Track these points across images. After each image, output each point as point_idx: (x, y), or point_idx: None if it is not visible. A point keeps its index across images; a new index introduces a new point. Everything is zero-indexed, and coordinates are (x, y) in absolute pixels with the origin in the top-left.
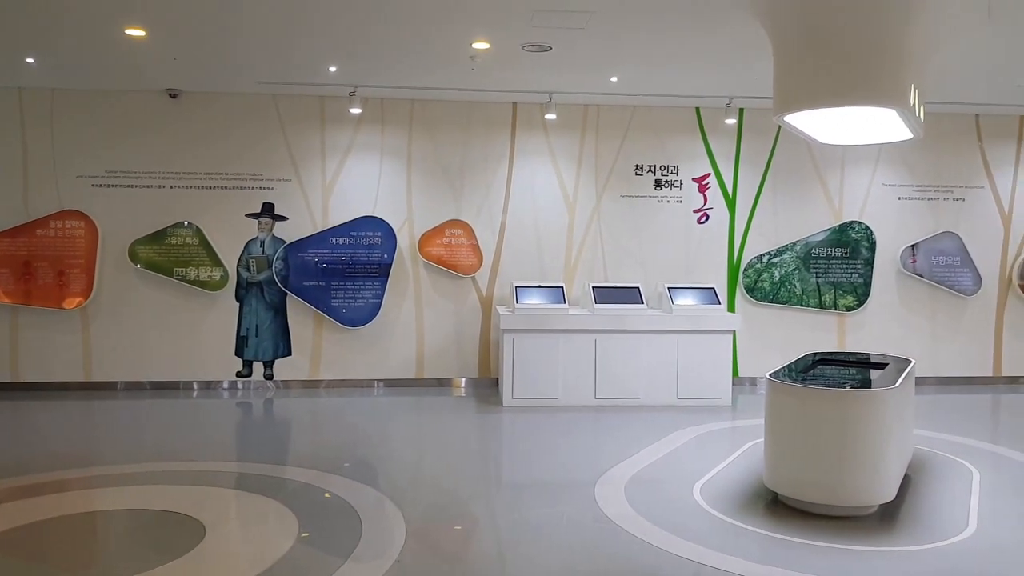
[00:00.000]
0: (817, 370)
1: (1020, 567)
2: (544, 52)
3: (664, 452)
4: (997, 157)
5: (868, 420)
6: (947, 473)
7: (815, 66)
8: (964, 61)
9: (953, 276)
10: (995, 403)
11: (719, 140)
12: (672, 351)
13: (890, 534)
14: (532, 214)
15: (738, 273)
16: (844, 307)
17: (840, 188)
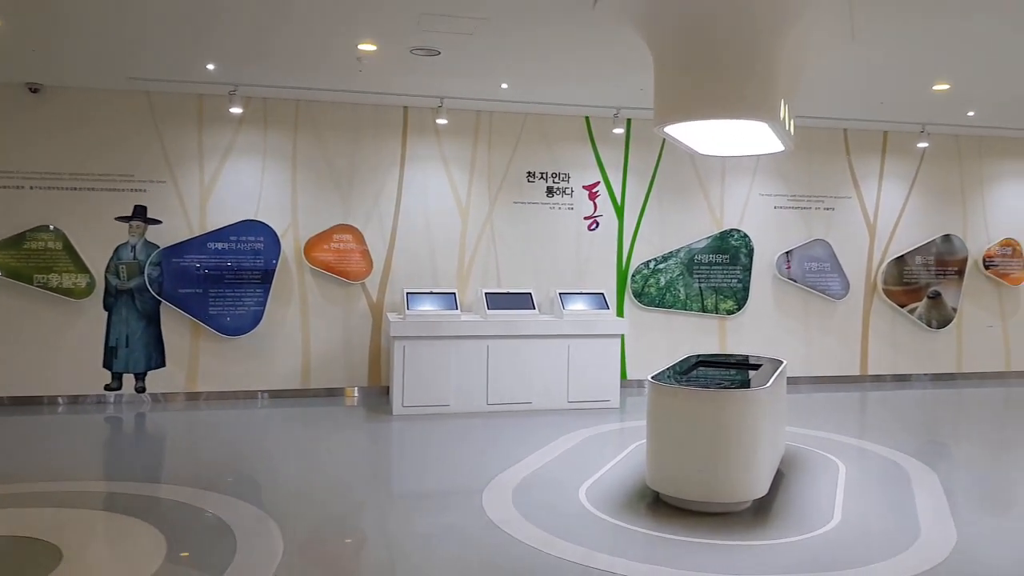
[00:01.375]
0: (697, 372)
1: (879, 555)
2: (433, 56)
3: (552, 456)
4: (863, 169)
5: (742, 419)
6: (816, 468)
7: (692, 80)
8: (833, 78)
9: (824, 281)
10: (862, 400)
11: (608, 149)
12: (563, 356)
13: (763, 528)
14: (424, 219)
15: (627, 279)
16: (725, 311)
17: (721, 197)
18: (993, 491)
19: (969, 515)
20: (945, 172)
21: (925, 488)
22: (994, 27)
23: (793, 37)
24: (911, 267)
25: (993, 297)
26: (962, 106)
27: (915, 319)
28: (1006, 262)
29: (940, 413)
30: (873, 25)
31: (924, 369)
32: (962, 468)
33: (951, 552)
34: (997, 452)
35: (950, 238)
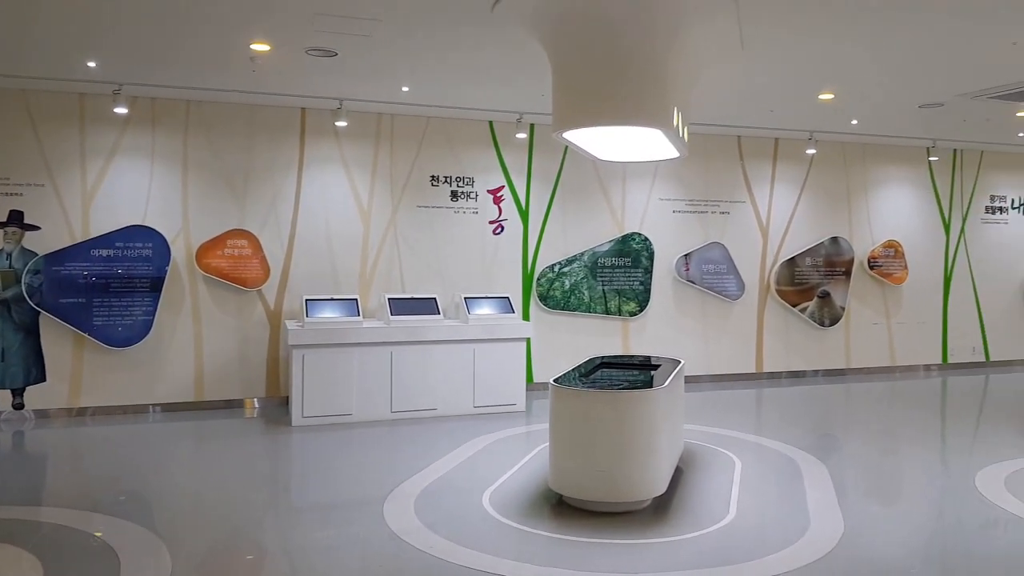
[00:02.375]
0: (599, 373)
1: (771, 547)
2: (330, 57)
3: (457, 462)
4: (756, 174)
5: (640, 419)
6: (713, 464)
7: (588, 87)
8: (725, 87)
9: (721, 283)
10: (758, 397)
11: (512, 153)
12: (468, 361)
13: (662, 525)
14: (324, 224)
15: (532, 282)
16: (628, 313)
17: (622, 202)
18: (879, 482)
19: (856, 506)
20: (832, 177)
21: (815, 481)
22: (868, 45)
23: (685, 46)
24: (802, 268)
25: (878, 296)
26: (846, 115)
27: (806, 318)
28: (889, 262)
29: (830, 408)
30: (761, 37)
31: (816, 365)
32: (850, 460)
33: (838, 542)
34: (883, 444)
35: (837, 240)
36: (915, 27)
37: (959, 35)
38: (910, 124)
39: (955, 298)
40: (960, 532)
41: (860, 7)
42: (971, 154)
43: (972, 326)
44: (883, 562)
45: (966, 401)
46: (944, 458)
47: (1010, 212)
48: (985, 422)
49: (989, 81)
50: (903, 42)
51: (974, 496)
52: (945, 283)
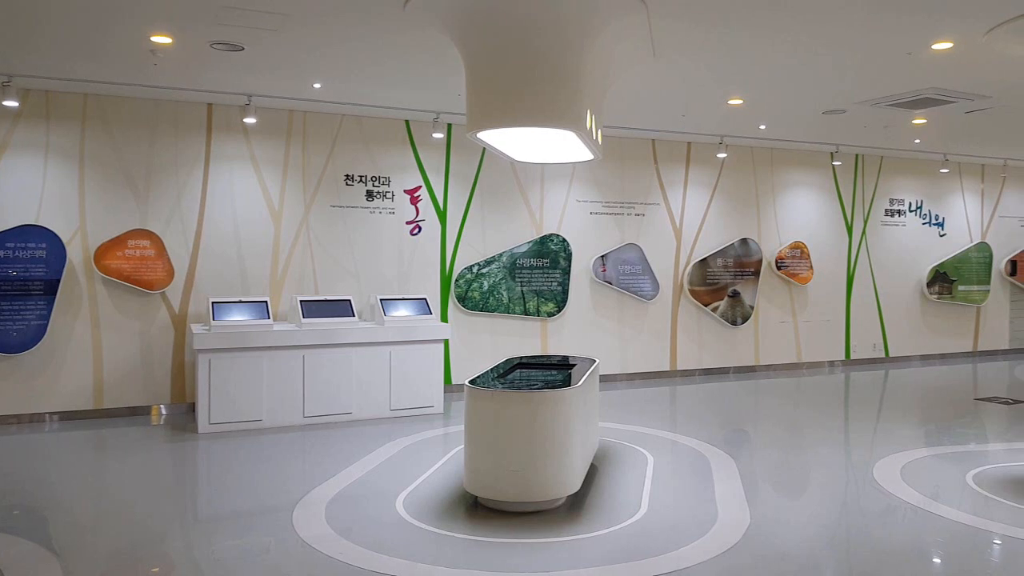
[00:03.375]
0: (515, 374)
1: (680, 541)
2: (236, 52)
3: (371, 466)
4: (670, 177)
5: (554, 418)
6: (627, 461)
7: (502, 88)
8: (639, 91)
9: (636, 283)
10: (672, 394)
11: (429, 153)
12: (384, 363)
13: (576, 523)
14: (232, 224)
15: (450, 283)
16: (546, 313)
17: (541, 203)
18: (784, 475)
19: (761, 498)
20: (742, 181)
21: (724, 475)
22: (773, 55)
23: (598, 51)
24: (713, 268)
25: (785, 295)
26: (754, 120)
27: (718, 317)
28: (795, 263)
29: (740, 404)
30: (672, 44)
31: (727, 363)
32: (757, 454)
33: (744, 534)
34: (789, 438)
35: (747, 241)
36: (816, 38)
37: (858, 46)
38: (815, 130)
39: (857, 297)
40: (858, 521)
41: (764, 22)
42: (872, 159)
43: (873, 324)
44: (786, 551)
45: (867, 395)
46: (845, 451)
47: (908, 215)
48: (884, 415)
49: (887, 90)
50: (806, 52)
51: (872, 486)
52: (848, 283)
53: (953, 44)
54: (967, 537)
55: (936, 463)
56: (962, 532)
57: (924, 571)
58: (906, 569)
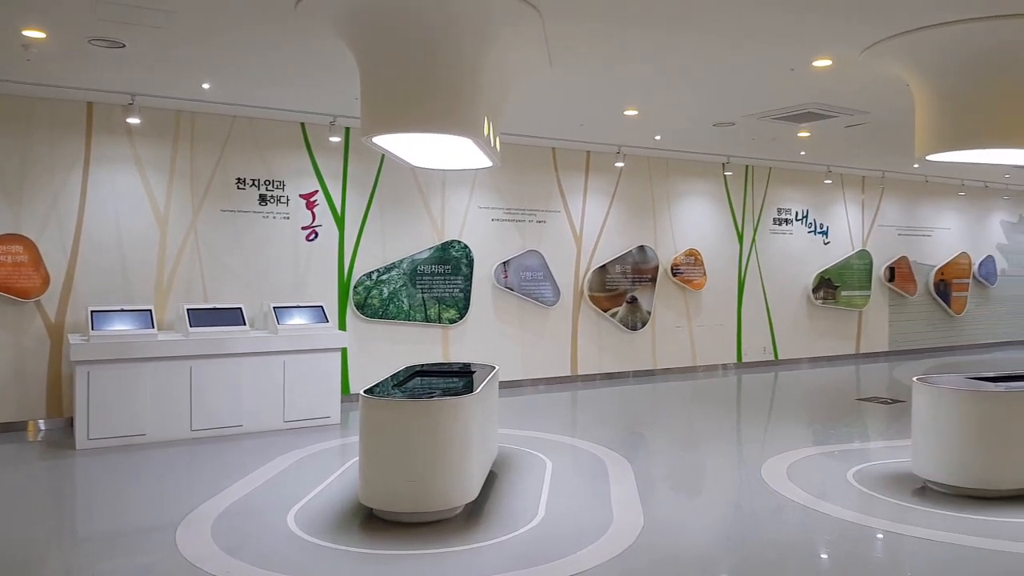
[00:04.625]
0: (413, 382)
1: (576, 546)
2: (117, 49)
3: (261, 481)
4: (570, 185)
5: (451, 426)
6: (526, 466)
7: (397, 93)
8: (539, 100)
9: (538, 289)
10: (572, 399)
11: (326, 157)
12: (278, 373)
13: (473, 531)
14: (115, 229)
15: (348, 290)
16: (448, 320)
17: (442, 209)
18: (677, 476)
19: (656, 500)
20: (639, 189)
21: (620, 478)
22: (665, 68)
23: (494, 58)
24: (612, 275)
25: (680, 300)
26: (650, 131)
27: (617, 322)
28: (690, 269)
29: (638, 407)
30: (568, 54)
31: (626, 367)
32: (653, 457)
33: (638, 537)
34: (683, 440)
35: (644, 248)
36: (705, 54)
37: (744, 62)
38: (707, 141)
39: (748, 302)
40: (746, 520)
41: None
42: (761, 170)
43: (763, 327)
44: (678, 551)
45: (757, 397)
46: (735, 451)
47: (795, 224)
48: (772, 416)
49: (772, 104)
50: (695, 67)
51: (760, 486)
52: (739, 288)
53: (832, 61)
54: (850, 533)
55: (819, 462)
56: (844, 528)
57: (811, 567)
58: (793, 566)
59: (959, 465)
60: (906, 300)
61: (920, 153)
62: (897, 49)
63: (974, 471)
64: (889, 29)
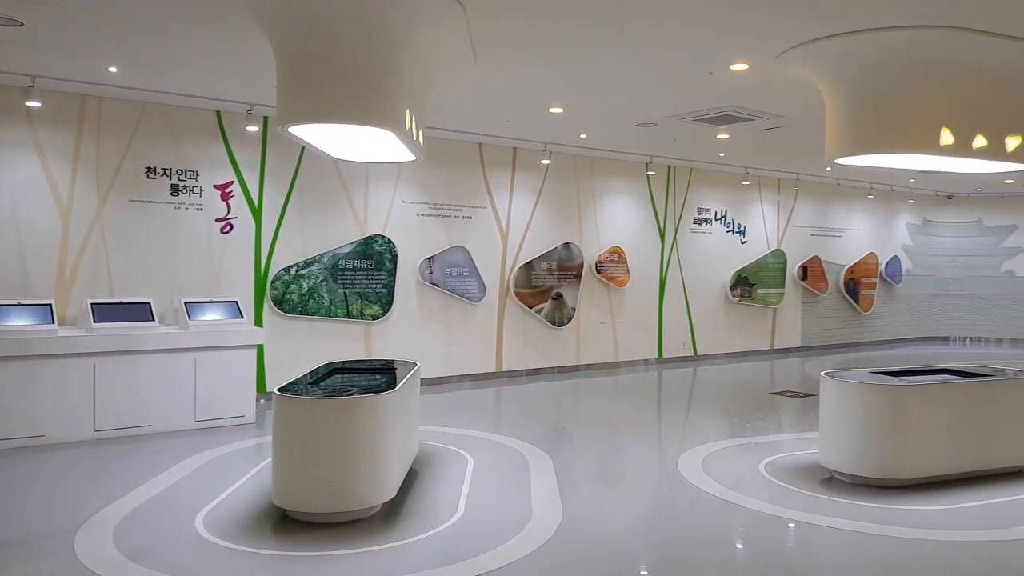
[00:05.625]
0: (331, 380)
1: (494, 541)
2: (14, 27)
3: (170, 483)
4: (497, 181)
5: (368, 424)
6: (447, 464)
7: (316, 83)
8: (464, 95)
9: (463, 285)
10: (497, 395)
11: (243, 147)
12: (189, 371)
13: (391, 530)
14: (12, 219)
15: (265, 285)
16: (371, 316)
17: (365, 203)
18: (596, 470)
19: (575, 494)
20: (565, 187)
21: (541, 473)
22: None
23: (417, 51)
24: (538, 272)
25: (604, 297)
26: (575, 129)
27: (542, 318)
28: (614, 267)
29: (562, 403)
30: (492, 50)
31: (551, 363)
32: (574, 452)
33: (556, 529)
34: (604, 434)
35: (569, 246)
36: (627, 55)
37: (665, 63)
38: (630, 140)
39: (669, 299)
40: (662, 512)
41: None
42: (682, 170)
43: (683, 324)
44: (596, 544)
45: (676, 392)
46: (653, 445)
47: (714, 223)
48: (690, 410)
49: (692, 106)
50: (618, 67)
51: (676, 478)
52: (661, 286)
53: (749, 65)
54: (760, 523)
55: (733, 454)
56: (755, 519)
57: (723, 557)
58: (704, 555)
59: (863, 456)
60: (818, 298)
61: (829, 156)
62: (809, 55)
63: (877, 461)
64: (801, 36)
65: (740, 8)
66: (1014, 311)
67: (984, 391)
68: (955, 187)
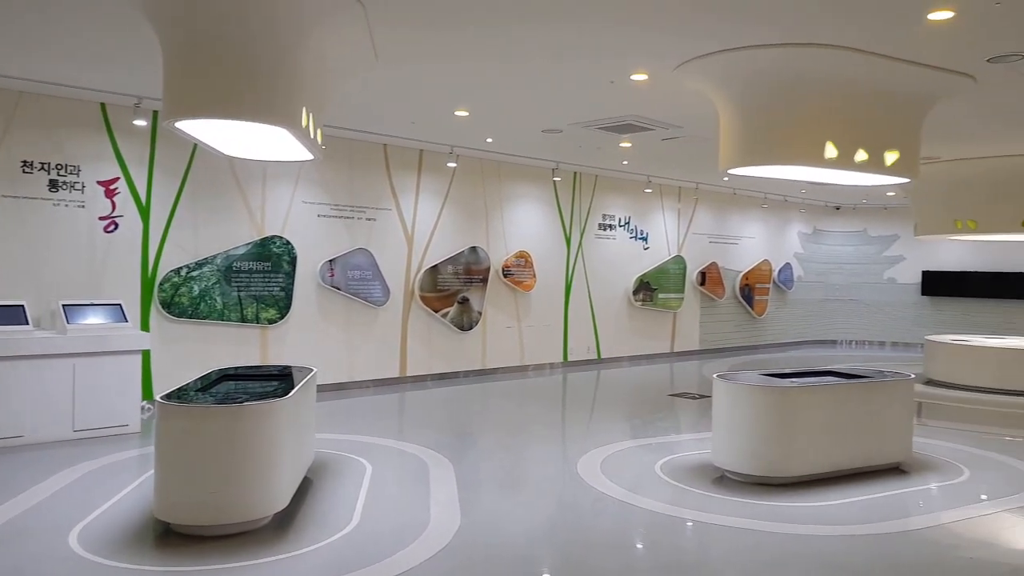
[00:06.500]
0: (221, 386)
1: (390, 549)
2: None
3: (42, 497)
4: (402, 183)
5: (258, 433)
6: (344, 472)
7: (204, 75)
8: (367, 95)
9: (366, 288)
10: (401, 401)
11: (130, 142)
12: (67, 378)
13: (282, 541)
14: None
15: (153, 287)
16: (267, 320)
17: (262, 203)
18: (497, 474)
19: (475, 500)
20: (472, 190)
21: (441, 479)
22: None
23: (315, 48)
24: (444, 275)
25: (510, 301)
26: (481, 133)
27: (448, 323)
28: (520, 271)
29: (467, 408)
30: (395, 50)
31: (457, 367)
32: (476, 457)
33: (454, 536)
34: (507, 438)
35: (476, 249)
36: (530, 60)
37: (568, 71)
38: (536, 146)
39: (574, 303)
40: (557, 512)
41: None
42: (588, 177)
43: (587, 328)
44: (494, 549)
45: (580, 395)
46: (555, 448)
47: (618, 229)
48: (592, 413)
49: (595, 114)
50: (521, 72)
51: (575, 480)
52: (566, 290)
53: (648, 76)
54: (653, 522)
55: (631, 455)
56: (648, 518)
57: (618, 557)
58: (604, 557)
59: (752, 455)
60: (715, 303)
61: (723, 167)
62: (701, 69)
63: (765, 460)
64: (693, 51)
65: (639, 19)
66: (896, 316)
67: (864, 392)
68: (842, 198)
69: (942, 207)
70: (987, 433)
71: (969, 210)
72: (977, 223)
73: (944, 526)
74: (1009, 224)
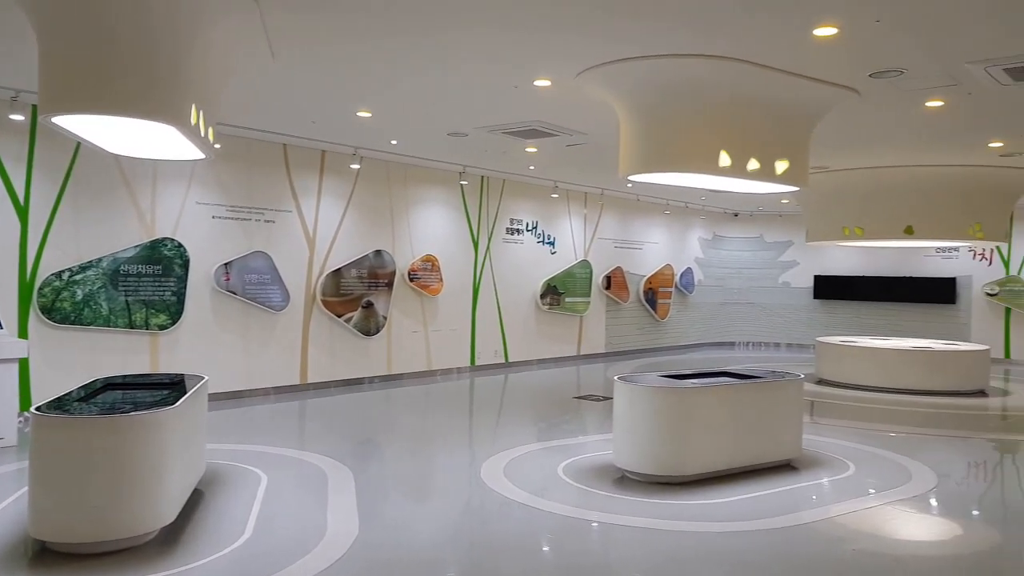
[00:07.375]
0: (104, 396)
1: (285, 561)
2: None
3: None
4: (303, 185)
5: (142, 444)
6: (238, 483)
7: (83, 67)
8: (265, 93)
9: (264, 293)
10: (300, 408)
11: (6, 138)
12: None
13: (169, 556)
14: None
15: (32, 292)
16: (157, 326)
17: (152, 203)
18: (399, 481)
19: (373, 507)
20: (377, 193)
21: (339, 488)
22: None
23: (205, 43)
24: (347, 279)
25: (417, 305)
26: (386, 135)
27: (351, 327)
28: (427, 275)
29: (370, 415)
30: (292, 48)
31: (360, 373)
32: (378, 464)
33: (351, 546)
34: (412, 445)
35: (381, 253)
36: (433, 62)
37: (472, 75)
38: (443, 150)
39: (482, 307)
40: (459, 517)
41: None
42: (495, 181)
43: (495, 332)
44: (392, 556)
45: (487, 399)
46: (461, 452)
47: (525, 234)
48: (500, 416)
49: (500, 119)
50: (423, 74)
51: (477, 485)
52: (474, 294)
53: (551, 82)
54: (555, 524)
55: (534, 458)
56: (550, 520)
57: (518, 561)
58: (504, 560)
59: (650, 455)
60: (620, 306)
61: (622, 173)
62: (601, 77)
63: (663, 460)
64: (594, 58)
65: (541, 25)
66: (790, 318)
67: (757, 392)
68: (740, 205)
69: (831, 215)
70: (873, 429)
71: (856, 217)
72: (864, 230)
73: (832, 519)
74: (894, 231)
